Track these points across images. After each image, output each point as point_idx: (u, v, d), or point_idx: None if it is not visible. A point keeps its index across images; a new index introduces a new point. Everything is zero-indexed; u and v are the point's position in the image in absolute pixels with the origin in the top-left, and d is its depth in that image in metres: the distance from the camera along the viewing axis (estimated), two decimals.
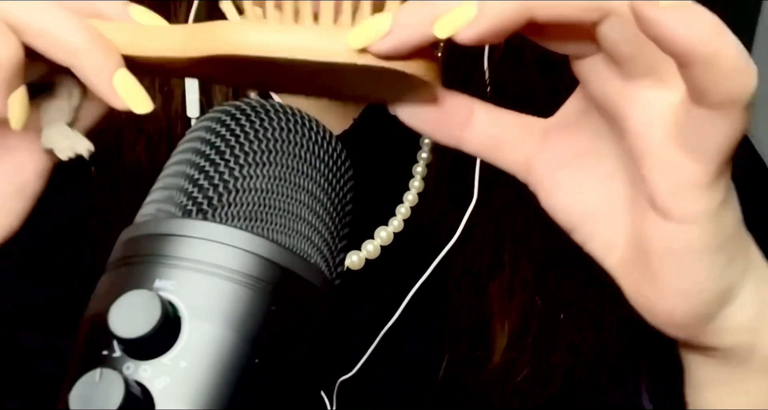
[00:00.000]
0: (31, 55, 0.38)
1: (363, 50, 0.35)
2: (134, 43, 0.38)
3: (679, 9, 0.29)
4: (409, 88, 0.37)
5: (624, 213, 0.37)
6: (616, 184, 0.37)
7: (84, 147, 0.40)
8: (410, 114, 0.39)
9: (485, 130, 0.39)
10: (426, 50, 0.36)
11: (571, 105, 0.39)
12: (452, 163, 0.57)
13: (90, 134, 0.42)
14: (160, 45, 0.38)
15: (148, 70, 0.39)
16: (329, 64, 0.35)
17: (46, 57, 0.38)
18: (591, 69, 0.35)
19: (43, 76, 0.40)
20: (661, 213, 0.34)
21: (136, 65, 0.38)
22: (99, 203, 0.58)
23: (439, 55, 0.37)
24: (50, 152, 0.41)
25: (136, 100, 0.38)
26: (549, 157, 0.38)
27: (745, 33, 1.32)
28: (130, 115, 0.39)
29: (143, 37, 0.38)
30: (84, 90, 0.41)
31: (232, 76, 0.38)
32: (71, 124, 0.41)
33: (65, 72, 0.39)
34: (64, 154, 0.40)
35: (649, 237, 0.35)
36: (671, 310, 0.36)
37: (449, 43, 0.34)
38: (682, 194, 0.33)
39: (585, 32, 0.33)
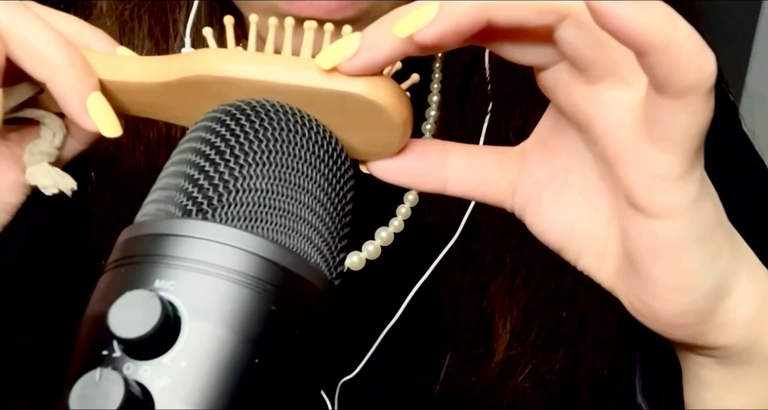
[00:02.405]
0: (16, 77, 0.39)
1: (331, 73, 0.36)
2: (112, 68, 0.40)
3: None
4: (378, 138, 0.38)
5: (610, 224, 0.37)
6: (598, 197, 0.37)
7: (66, 185, 0.42)
8: (384, 170, 0.39)
9: (465, 169, 0.39)
10: (393, 87, 0.37)
11: (544, 123, 0.39)
12: None
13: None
14: (137, 71, 0.40)
15: (119, 106, 0.41)
16: (295, 87, 0.36)
17: (26, 70, 0.39)
18: (555, 79, 0.35)
19: (27, 103, 0.42)
20: (641, 212, 0.34)
21: (109, 99, 0.40)
22: (98, 208, 0.58)
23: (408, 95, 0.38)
24: (34, 186, 0.43)
25: (107, 123, 0.39)
26: (530, 179, 0.39)
27: (745, 33, 1.32)
28: (129, 121, 0.40)
29: (122, 64, 0.40)
30: (67, 130, 0.43)
31: (199, 108, 0.39)
32: (54, 162, 0.43)
33: (50, 108, 0.41)
34: (49, 191, 0.42)
35: (634, 239, 0.35)
36: (668, 310, 0.36)
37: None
38: (658, 188, 0.33)
39: (544, 37, 0.34)
